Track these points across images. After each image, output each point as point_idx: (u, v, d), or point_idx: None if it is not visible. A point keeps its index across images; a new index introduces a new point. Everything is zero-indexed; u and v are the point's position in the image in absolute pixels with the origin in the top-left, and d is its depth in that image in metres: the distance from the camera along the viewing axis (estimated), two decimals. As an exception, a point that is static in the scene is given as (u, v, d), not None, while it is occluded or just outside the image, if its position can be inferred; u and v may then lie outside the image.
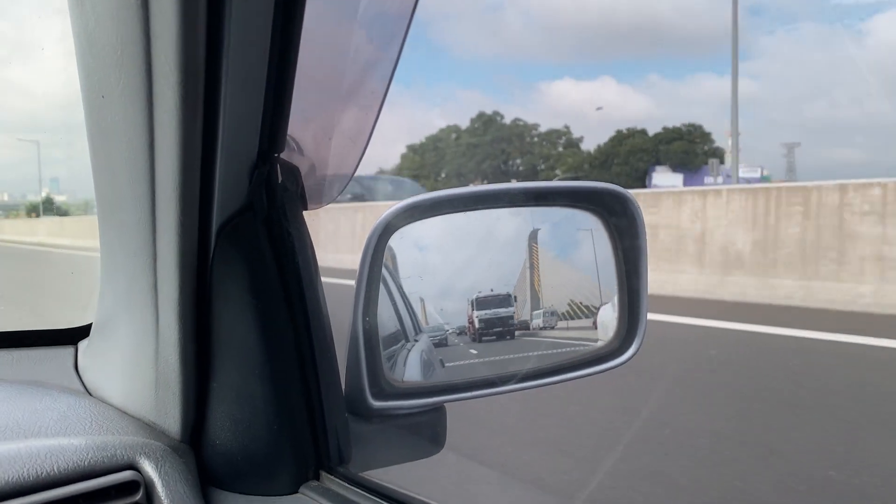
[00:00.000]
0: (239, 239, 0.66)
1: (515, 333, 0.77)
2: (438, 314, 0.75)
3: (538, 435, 3.25)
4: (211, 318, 0.67)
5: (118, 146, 0.64)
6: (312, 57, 0.65)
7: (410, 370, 0.75)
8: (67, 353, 0.92)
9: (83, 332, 0.93)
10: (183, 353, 0.67)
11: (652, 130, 58.15)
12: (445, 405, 0.78)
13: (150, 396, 0.71)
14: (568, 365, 0.80)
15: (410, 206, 0.72)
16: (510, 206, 0.80)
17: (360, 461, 0.72)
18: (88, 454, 0.60)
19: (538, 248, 0.80)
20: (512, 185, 0.80)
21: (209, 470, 0.69)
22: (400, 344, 0.75)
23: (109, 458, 0.61)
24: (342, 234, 11.68)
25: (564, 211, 0.85)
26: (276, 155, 0.67)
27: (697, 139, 57.15)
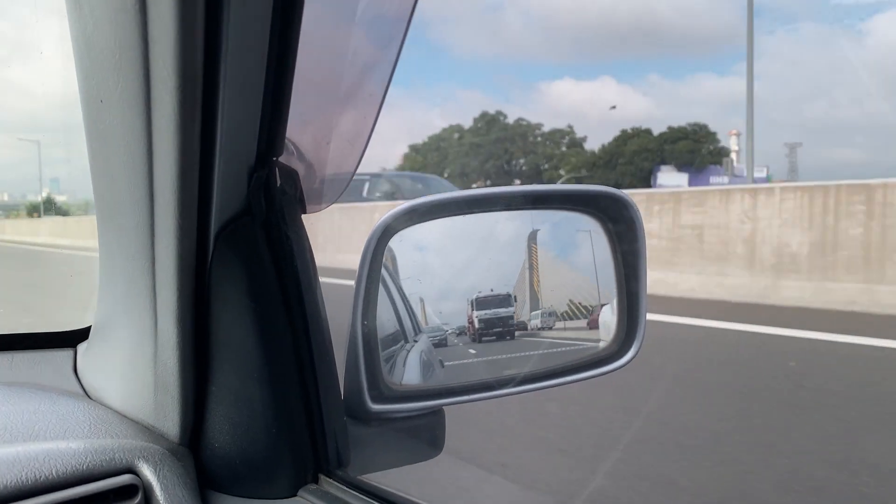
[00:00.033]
0: (237, 242, 0.66)
1: (515, 333, 0.77)
2: (437, 315, 0.75)
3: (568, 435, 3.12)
4: (210, 321, 0.67)
5: (117, 150, 0.64)
6: (311, 59, 0.65)
7: (410, 371, 0.75)
8: (66, 355, 0.92)
9: (82, 334, 0.93)
10: (182, 356, 0.66)
11: (652, 130, 58.10)
12: (444, 408, 0.78)
13: (148, 399, 0.71)
14: (566, 368, 0.80)
15: (410, 209, 0.72)
16: (509, 209, 0.80)
17: (358, 464, 0.72)
18: (87, 458, 0.60)
19: (537, 248, 0.80)
20: (511, 188, 0.80)
21: (208, 473, 0.68)
22: (399, 344, 0.75)
23: (108, 461, 0.61)
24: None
25: (564, 213, 0.85)
26: (274, 158, 0.67)
27: (702, 139, 56.92)
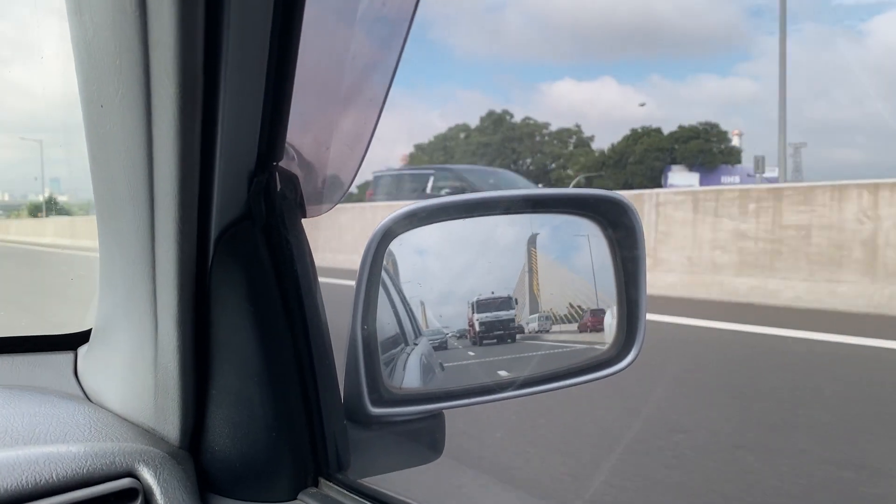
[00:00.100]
0: (237, 247, 0.66)
1: (517, 337, 0.77)
2: (437, 319, 0.75)
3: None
4: (210, 324, 0.67)
5: (117, 154, 0.64)
6: (311, 62, 0.65)
7: (410, 374, 0.75)
8: (67, 358, 0.92)
9: (83, 337, 0.93)
10: (182, 359, 0.67)
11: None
12: (444, 412, 0.78)
13: (149, 403, 0.71)
14: (566, 371, 0.80)
15: (409, 213, 0.72)
16: (508, 213, 0.80)
17: (358, 468, 0.72)
18: (87, 461, 0.60)
19: (537, 252, 0.80)
20: (511, 192, 0.80)
21: (208, 476, 0.69)
22: (399, 347, 0.75)
23: (108, 465, 0.61)
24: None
25: (564, 217, 0.85)
26: (274, 163, 0.67)
27: (713, 138, 56.25)
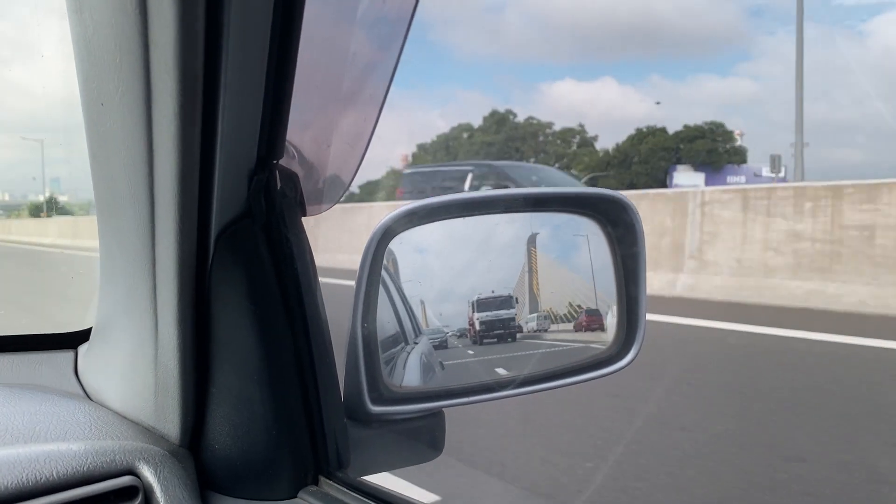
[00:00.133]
0: (238, 245, 0.66)
1: (517, 336, 0.77)
2: (438, 317, 0.76)
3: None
4: (210, 323, 0.67)
5: (117, 152, 0.64)
6: (311, 61, 0.65)
7: (410, 373, 0.75)
8: (67, 356, 0.92)
9: (83, 335, 0.93)
10: (182, 357, 0.67)
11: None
12: (444, 410, 0.78)
13: (149, 401, 0.71)
14: (566, 370, 0.80)
15: (409, 211, 0.72)
16: (508, 212, 0.80)
17: (358, 466, 0.72)
18: (87, 459, 0.60)
19: (537, 252, 0.80)
20: (510, 191, 0.80)
21: (208, 474, 0.69)
22: (400, 346, 0.75)
23: (108, 463, 0.61)
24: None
25: (564, 216, 0.85)
26: (274, 161, 0.67)
27: (719, 137, 55.85)
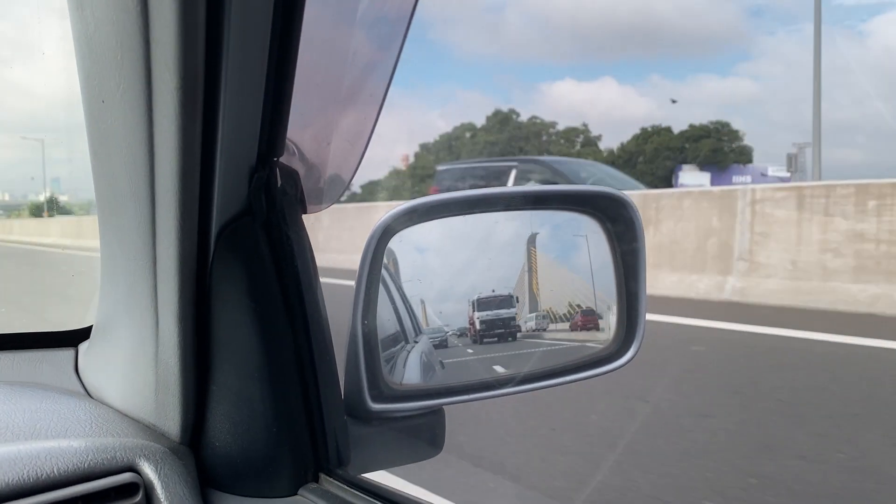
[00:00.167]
0: (238, 242, 0.66)
1: (517, 335, 0.77)
2: (438, 316, 0.75)
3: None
4: (210, 320, 0.67)
5: (118, 150, 0.65)
6: (312, 60, 0.66)
7: (410, 371, 0.75)
8: (68, 355, 0.92)
9: (83, 334, 0.93)
10: (183, 355, 0.67)
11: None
12: (444, 408, 0.78)
13: (149, 398, 0.71)
14: (566, 368, 0.80)
15: (409, 209, 0.72)
16: (508, 209, 0.80)
17: (358, 463, 0.72)
18: (88, 456, 0.60)
19: (536, 252, 0.80)
20: (510, 188, 0.80)
21: (208, 472, 0.69)
22: (400, 345, 0.75)
23: (109, 459, 0.61)
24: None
25: (564, 214, 0.85)
26: (275, 159, 0.67)
27: (725, 137, 55.54)
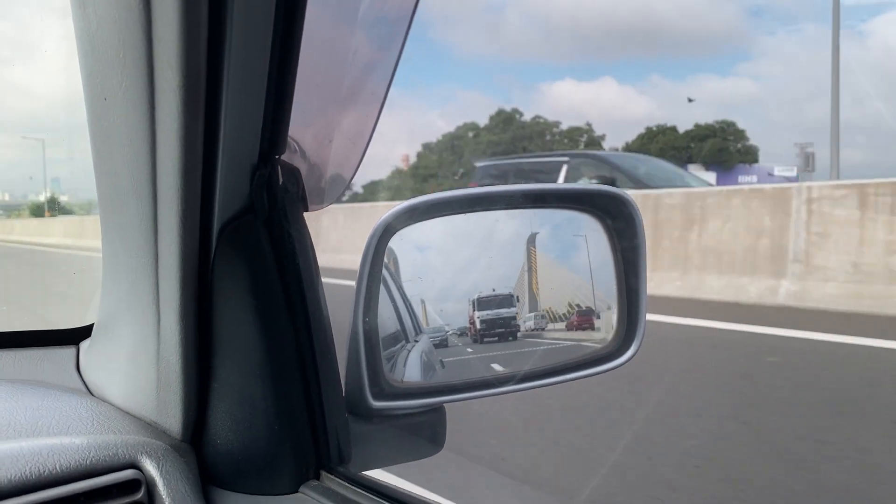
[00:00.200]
0: (240, 240, 0.66)
1: (518, 335, 0.77)
2: (439, 315, 0.76)
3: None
4: (212, 318, 0.68)
5: (120, 147, 0.65)
6: (313, 59, 0.66)
7: (410, 371, 0.75)
8: (69, 353, 0.92)
9: (84, 332, 0.93)
10: (184, 353, 0.67)
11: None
12: (445, 406, 0.78)
13: (151, 396, 0.71)
14: (566, 366, 0.80)
15: (410, 207, 0.72)
16: (509, 208, 0.80)
17: (359, 461, 0.72)
18: (90, 453, 0.60)
19: (536, 252, 0.80)
20: (511, 187, 0.80)
21: (210, 469, 0.69)
22: (400, 345, 0.75)
23: (111, 456, 0.61)
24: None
25: (564, 214, 0.85)
26: (276, 156, 0.67)
27: (731, 136, 55.36)
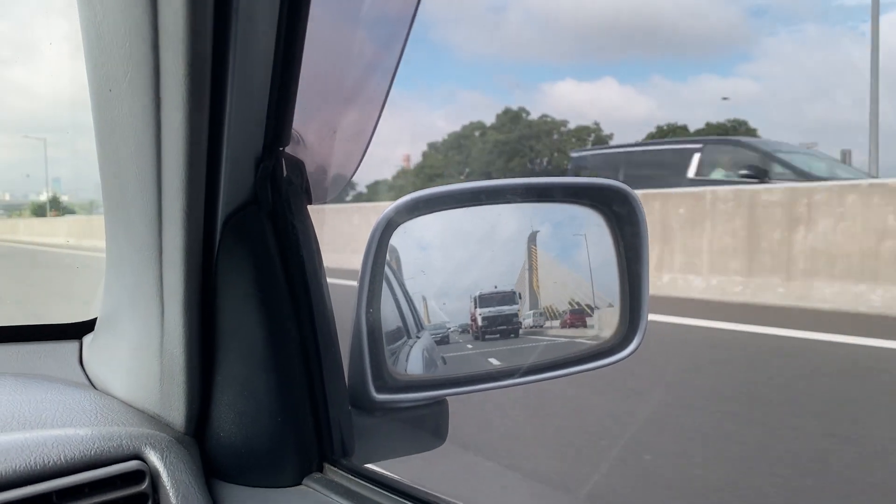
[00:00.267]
0: (244, 232, 0.66)
1: (520, 332, 0.77)
2: (441, 311, 0.76)
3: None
4: (216, 311, 0.68)
5: (125, 139, 0.65)
6: (316, 57, 0.66)
7: (412, 367, 0.75)
8: (72, 347, 0.93)
9: (87, 326, 0.93)
10: (188, 346, 0.67)
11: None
12: (447, 399, 0.78)
13: (154, 389, 0.71)
14: (569, 359, 0.81)
15: (412, 201, 0.72)
16: (511, 201, 0.80)
17: (363, 453, 0.72)
18: (94, 444, 0.61)
19: (537, 250, 0.80)
20: (513, 180, 0.80)
21: (213, 462, 0.69)
22: (402, 341, 0.75)
23: (115, 448, 0.61)
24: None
25: (565, 211, 0.85)
26: (281, 149, 0.67)
27: (742, 135, 55.82)
